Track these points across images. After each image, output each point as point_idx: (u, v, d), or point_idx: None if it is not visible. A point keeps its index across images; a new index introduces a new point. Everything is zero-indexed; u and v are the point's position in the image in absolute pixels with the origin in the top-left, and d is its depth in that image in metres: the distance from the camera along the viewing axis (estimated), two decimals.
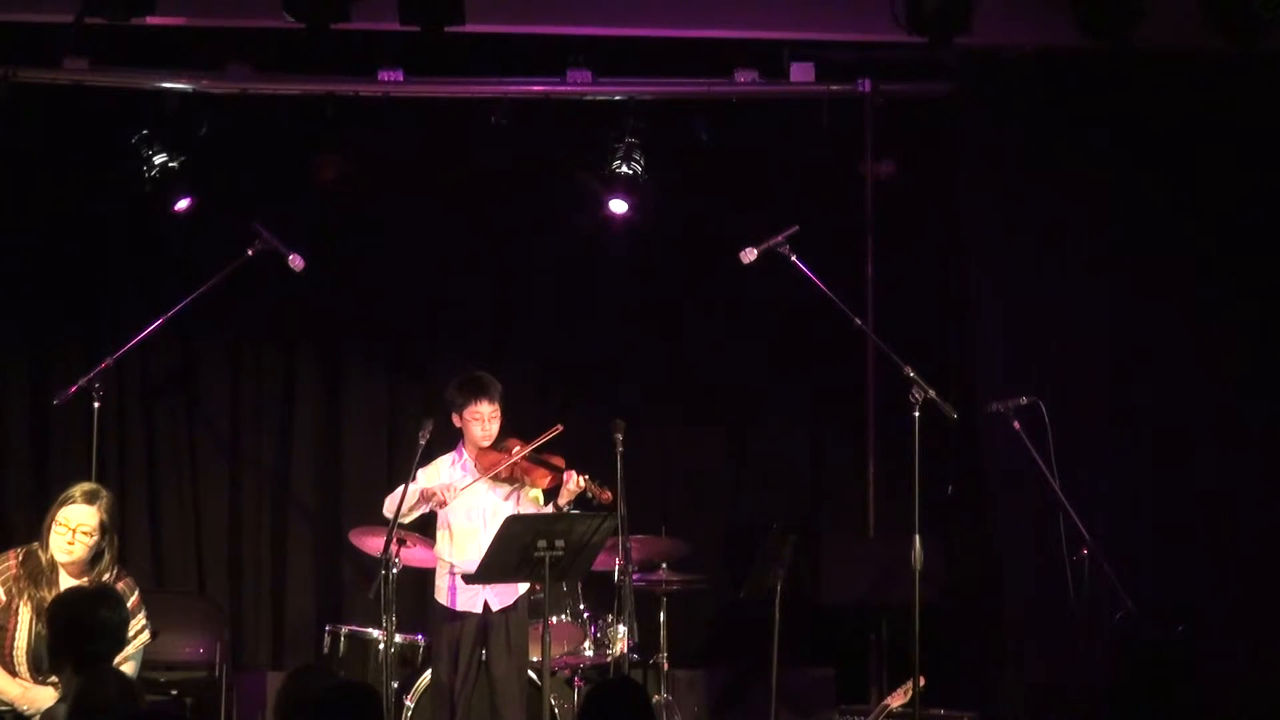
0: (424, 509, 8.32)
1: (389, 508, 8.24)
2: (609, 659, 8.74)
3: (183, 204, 9.41)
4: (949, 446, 9.16)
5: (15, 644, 7.52)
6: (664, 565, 9.04)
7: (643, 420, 9.41)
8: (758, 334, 10.02)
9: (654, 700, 8.71)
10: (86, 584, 7.53)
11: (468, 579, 8.11)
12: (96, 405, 8.72)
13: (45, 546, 7.59)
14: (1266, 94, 9.11)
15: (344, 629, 8.95)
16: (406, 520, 8.31)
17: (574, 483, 8.15)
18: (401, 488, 8.16)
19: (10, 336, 9.79)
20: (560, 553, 7.75)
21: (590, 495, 8.13)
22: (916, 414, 8.10)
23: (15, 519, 9.47)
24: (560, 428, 8.21)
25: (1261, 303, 9.24)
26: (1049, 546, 8.54)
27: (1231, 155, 9.22)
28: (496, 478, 8.27)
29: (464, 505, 8.32)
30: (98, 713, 5.77)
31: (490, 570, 7.94)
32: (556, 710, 8.41)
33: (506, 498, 8.35)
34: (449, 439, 8.49)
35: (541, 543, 7.73)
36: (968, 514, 9.47)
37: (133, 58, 9.24)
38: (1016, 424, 8.43)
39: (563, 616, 8.80)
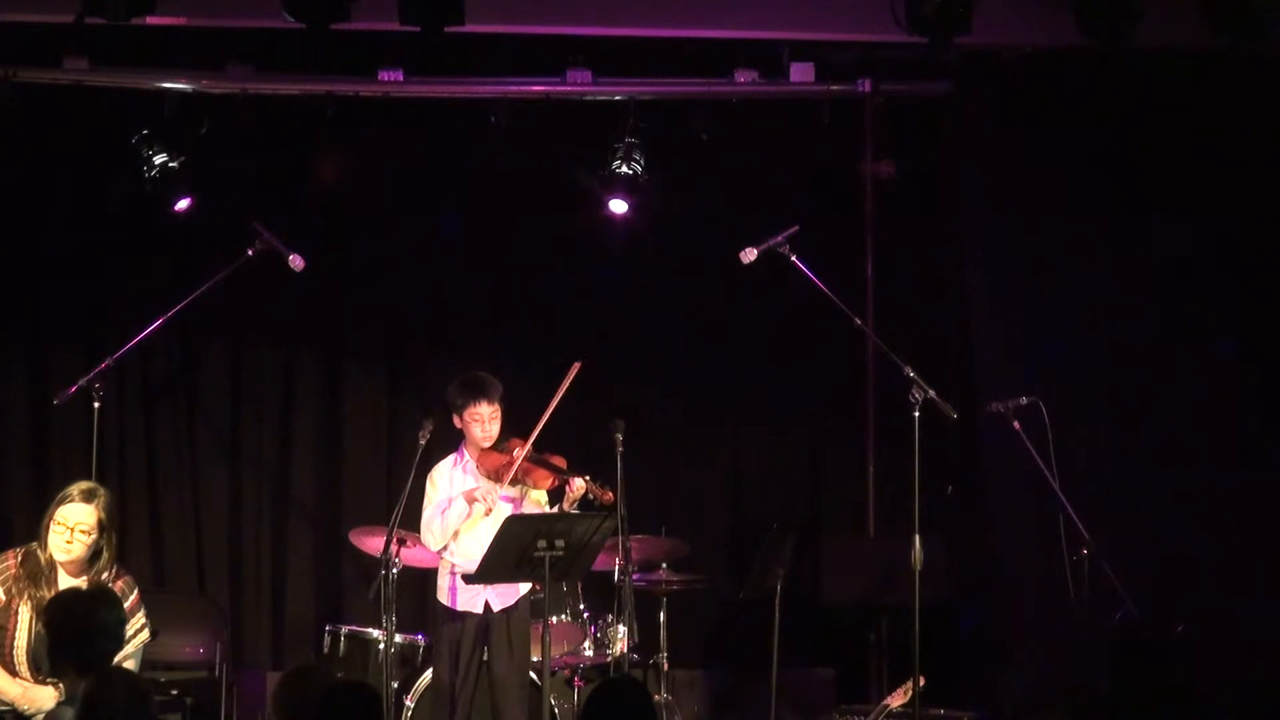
0: (469, 515, 8.29)
1: (436, 538, 8.22)
2: (609, 659, 8.74)
3: (183, 204, 9.40)
4: (949, 446, 9.17)
5: (15, 644, 7.52)
6: (664, 565, 9.03)
7: (643, 420, 9.41)
8: (758, 334, 10.02)
9: (654, 700, 8.70)
10: (84, 584, 7.53)
11: (468, 579, 8.11)
12: (96, 405, 8.72)
13: (44, 546, 7.59)
14: (1266, 94, 9.11)
15: (344, 629, 8.94)
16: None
17: (577, 488, 8.13)
18: (432, 514, 8.19)
19: (10, 336, 9.79)
20: (560, 553, 7.75)
21: (592, 496, 8.11)
22: (916, 414, 8.10)
23: (15, 519, 9.47)
24: (579, 365, 8.19)
25: (1262, 302, 9.24)
26: (1049, 546, 8.54)
27: (1231, 155, 9.22)
28: (500, 481, 8.25)
29: (465, 505, 8.32)
30: (108, 714, 5.76)
31: (490, 570, 7.93)
32: (556, 710, 8.41)
33: (509, 499, 8.34)
34: (449, 439, 8.48)
35: (541, 543, 7.73)
36: (968, 514, 9.48)
37: (133, 58, 9.24)
38: (1016, 424, 8.42)
39: (563, 616, 8.79)
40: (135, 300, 9.46)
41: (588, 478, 8.12)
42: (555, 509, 8.26)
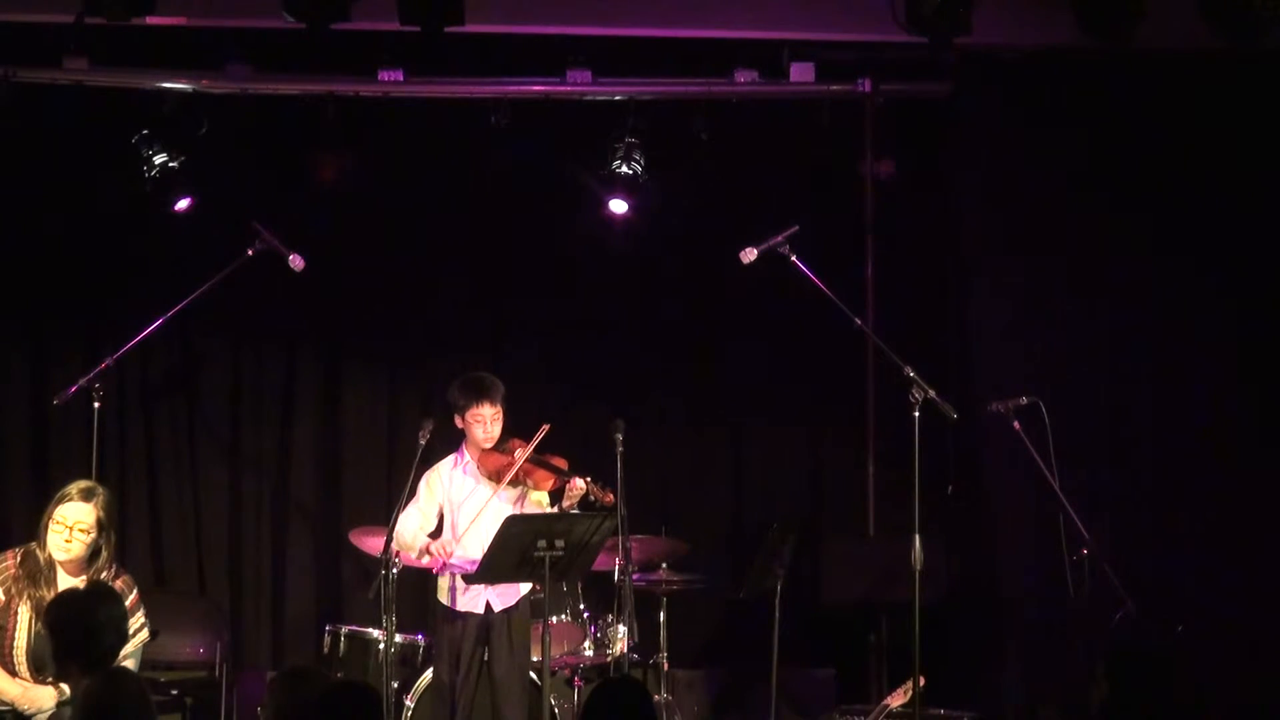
0: (424, 561, 8.32)
1: (395, 539, 8.22)
2: (609, 659, 8.74)
3: (183, 204, 9.40)
4: (949, 446, 9.16)
5: (15, 644, 7.52)
6: (664, 565, 9.03)
7: (643, 420, 9.42)
8: (758, 334, 10.02)
9: (654, 700, 8.70)
10: (83, 583, 7.53)
11: (468, 579, 8.11)
12: (96, 405, 8.73)
13: (43, 545, 7.60)
14: (1266, 94, 9.11)
15: (344, 629, 8.94)
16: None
17: (576, 488, 8.13)
18: (406, 518, 8.22)
19: (10, 337, 9.79)
20: (560, 553, 7.75)
21: (593, 498, 8.11)
22: (916, 414, 8.10)
23: (15, 519, 9.47)
24: (547, 426, 8.20)
25: (1261, 302, 9.24)
26: (1049, 546, 8.53)
27: (1231, 155, 9.22)
28: (501, 482, 8.24)
29: (467, 506, 8.32)
30: (111, 714, 5.75)
31: (490, 570, 7.94)
32: (556, 710, 8.41)
33: (509, 499, 8.33)
34: (449, 439, 8.49)
35: (541, 543, 7.73)
36: (968, 514, 9.47)
37: (133, 58, 9.23)
38: (1016, 424, 8.42)
39: (563, 616, 8.79)
40: (135, 300, 9.46)
41: (589, 479, 8.12)
42: (555, 509, 8.26)
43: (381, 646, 8.39)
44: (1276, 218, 9.23)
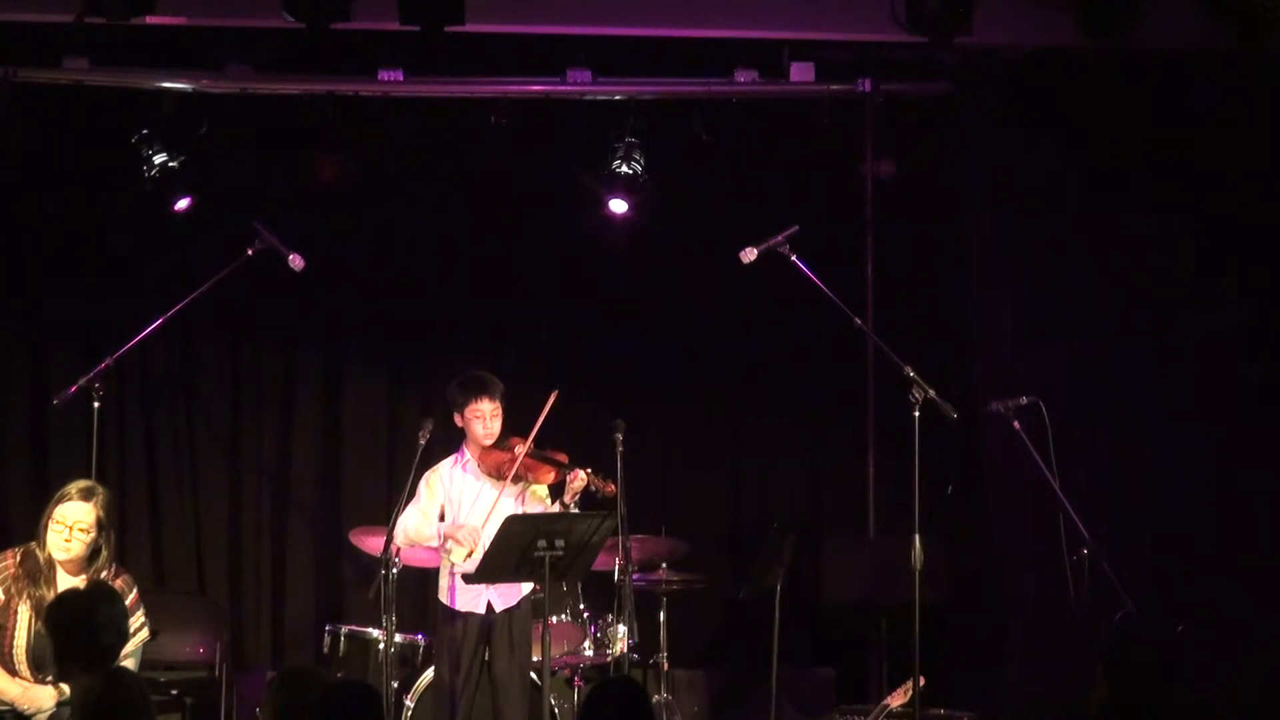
0: (443, 546, 8.32)
1: (400, 537, 8.22)
2: (609, 659, 8.74)
3: (183, 204, 9.40)
4: (949, 446, 9.16)
5: (15, 643, 7.52)
6: (664, 565, 9.03)
7: (643, 420, 9.41)
8: (758, 334, 10.02)
9: (654, 700, 8.71)
10: (83, 582, 7.53)
11: (468, 579, 8.11)
12: (96, 405, 8.72)
13: (43, 545, 7.60)
14: (1266, 94, 9.11)
15: (344, 629, 8.95)
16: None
17: (578, 480, 8.13)
18: (410, 514, 8.19)
19: (10, 336, 9.79)
20: (560, 552, 7.75)
21: (594, 488, 8.11)
22: (916, 414, 8.10)
23: (15, 519, 9.47)
24: (556, 392, 8.19)
25: (1262, 302, 9.24)
26: (1049, 546, 8.53)
27: (1232, 155, 9.22)
28: (503, 478, 8.24)
29: (468, 505, 8.32)
30: (111, 714, 5.76)
31: (490, 570, 7.93)
32: (556, 710, 8.41)
33: (513, 495, 8.33)
34: (449, 439, 8.49)
35: (541, 542, 7.73)
36: (968, 514, 9.48)
37: (133, 58, 9.24)
38: (1016, 424, 8.42)
39: (563, 616, 8.79)
40: (135, 300, 9.46)
41: (589, 470, 8.12)
42: (556, 503, 8.26)
43: (381, 646, 8.39)
44: (1277, 217, 9.22)
